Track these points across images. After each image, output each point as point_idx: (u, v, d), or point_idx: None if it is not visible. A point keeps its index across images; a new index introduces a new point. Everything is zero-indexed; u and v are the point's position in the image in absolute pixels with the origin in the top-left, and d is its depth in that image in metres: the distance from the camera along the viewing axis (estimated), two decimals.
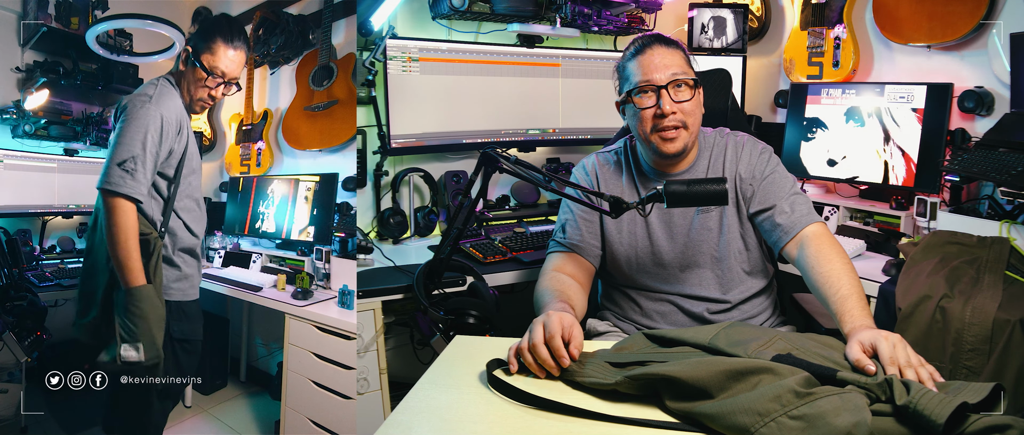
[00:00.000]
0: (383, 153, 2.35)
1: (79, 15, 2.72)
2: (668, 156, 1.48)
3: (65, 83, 2.78)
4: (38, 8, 2.66)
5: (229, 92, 1.77)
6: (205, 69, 1.70)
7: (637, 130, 1.49)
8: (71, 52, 2.78)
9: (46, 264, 2.68)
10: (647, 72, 1.43)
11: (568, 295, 1.39)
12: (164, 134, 1.64)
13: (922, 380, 0.94)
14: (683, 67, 1.44)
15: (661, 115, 1.42)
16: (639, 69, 1.44)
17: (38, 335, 2.04)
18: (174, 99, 1.70)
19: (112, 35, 2.82)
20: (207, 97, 1.74)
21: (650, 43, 1.46)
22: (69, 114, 2.86)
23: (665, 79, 1.42)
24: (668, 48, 1.45)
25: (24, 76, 2.75)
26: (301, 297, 2.17)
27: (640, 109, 1.45)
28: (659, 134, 1.45)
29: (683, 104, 1.43)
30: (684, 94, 1.43)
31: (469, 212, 1.54)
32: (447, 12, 2.32)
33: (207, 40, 1.70)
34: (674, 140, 1.45)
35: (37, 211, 2.79)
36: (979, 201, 2.01)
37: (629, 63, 1.48)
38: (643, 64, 1.44)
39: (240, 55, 1.73)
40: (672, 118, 1.43)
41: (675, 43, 1.48)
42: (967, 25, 2.11)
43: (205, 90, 1.72)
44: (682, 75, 1.43)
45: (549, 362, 1.06)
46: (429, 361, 1.18)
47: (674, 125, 1.43)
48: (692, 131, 1.47)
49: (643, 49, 1.46)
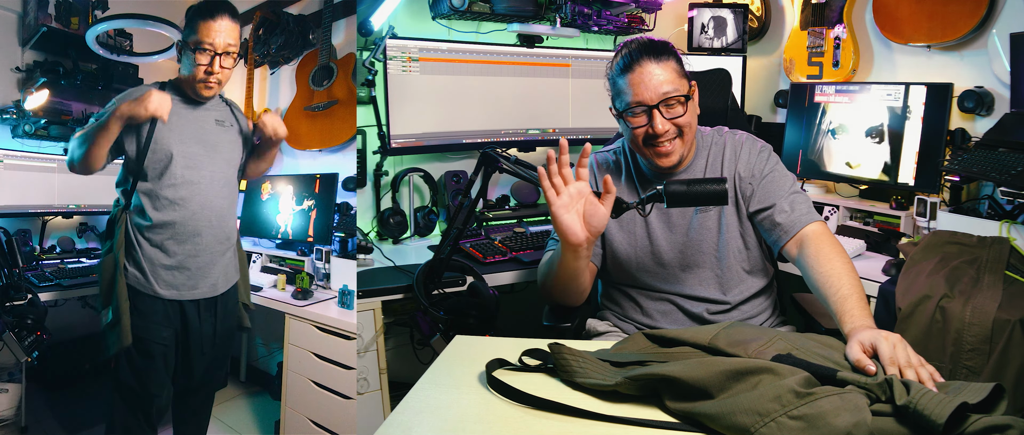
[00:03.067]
0: (383, 153, 2.35)
1: (79, 15, 2.72)
2: (664, 169, 1.48)
3: (65, 83, 2.78)
4: (38, 8, 2.66)
5: (227, 65, 1.71)
6: (195, 47, 1.67)
7: (631, 145, 1.51)
8: (71, 52, 2.78)
9: (46, 264, 2.68)
10: (637, 92, 1.41)
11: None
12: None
13: (922, 380, 0.94)
14: (674, 81, 1.41)
15: (655, 134, 1.42)
16: (629, 88, 1.42)
17: (38, 335, 2.04)
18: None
19: (112, 35, 2.82)
20: (204, 74, 1.69)
21: (638, 58, 1.41)
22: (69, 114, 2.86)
23: (656, 99, 1.40)
24: (657, 62, 1.41)
25: (24, 76, 2.75)
26: (301, 297, 2.17)
27: (633, 128, 1.45)
28: (653, 150, 1.45)
29: (677, 119, 1.42)
30: (677, 110, 1.42)
31: (469, 212, 1.54)
32: (447, 12, 2.32)
33: (190, 26, 1.69)
34: (670, 154, 1.45)
35: (37, 211, 2.79)
36: (979, 201, 2.01)
37: (619, 79, 1.45)
38: (633, 83, 1.41)
39: (225, 22, 1.67)
40: (665, 136, 1.42)
41: (664, 52, 1.43)
42: (967, 25, 2.11)
43: (200, 68, 1.68)
44: (673, 92, 1.40)
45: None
46: (429, 361, 1.18)
47: (669, 139, 1.43)
48: (688, 139, 1.47)
49: (631, 66, 1.42)
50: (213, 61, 1.68)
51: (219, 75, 1.71)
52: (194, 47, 1.67)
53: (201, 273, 1.79)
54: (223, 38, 1.67)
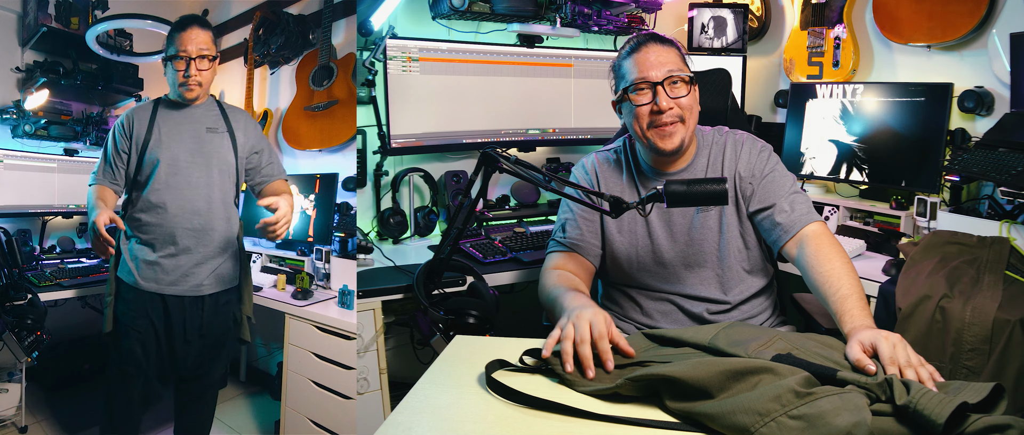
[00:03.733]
0: (383, 153, 2.35)
1: (79, 15, 2.73)
2: (666, 153, 1.48)
3: (65, 83, 2.78)
4: (38, 8, 2.66)
5: (202, 67, 1.86)
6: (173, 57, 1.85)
7: (634, 128, 1.49)
8: (71, 52, 2.78)
9: (46, 264, 2.68)
10: (643, 69, 1.43)
11: (582, 290, 1.39)
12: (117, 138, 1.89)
13: (922, 380, 0.94)
14: (679, 64, 1.45)
15: (658, 111, 1.43)
16: (635, 66, 1.45)
17: (38, 335, 2.05)
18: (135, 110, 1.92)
19: (112, 35, 2.82)
20: (183, 78, 1.85)
21: (645, 41, 1.47)
22: (69, 114, 2.86)
23: (661, 75, 1.42)
24: (663, 46, 1.46)
25: (24, 76, 2.75)
26: (301, 297, 2.17)
27: (637, 106, 1.45)
28: (656, 130, 1.45)
29: (680, 100, 1.44)
30: (680, 90, 1.44)
31: (469, 212, 1.53)
32: (447, 12, 2.32)
33: (168, 42, 1.88)
34: (672, 135, 1.45)
35: (37, 211, 2.79)
36: (979, 201, 2.01)
37: (625, 61, 1.48)
38: (639, 62, 1.44)
39: (196, 33, 1.84)
40: (669, 113, 1.43)
41: (670, 41, 1.48)
42: (967, 25, 2.11)
43: (179, 73, 1.85)
44: (678, 71, 1.43)
45: (590, 361, 1.04)
46: (429, 361, 1.18)
47: (671, 120, 1.44)
48: (689, 127, 1.47)
49: (638, 47, 1.46)
50: (189, 65, 1.84)
51: (197, 77, 1.86)
52: (172, 58, 1.86)
53: (181, 272, 1.88)
54: (195, 45, 1.84)
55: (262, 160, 2.02)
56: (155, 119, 1.88)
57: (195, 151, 1.89)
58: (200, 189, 1.88)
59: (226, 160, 1.94)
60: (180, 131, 1.89)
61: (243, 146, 1.98)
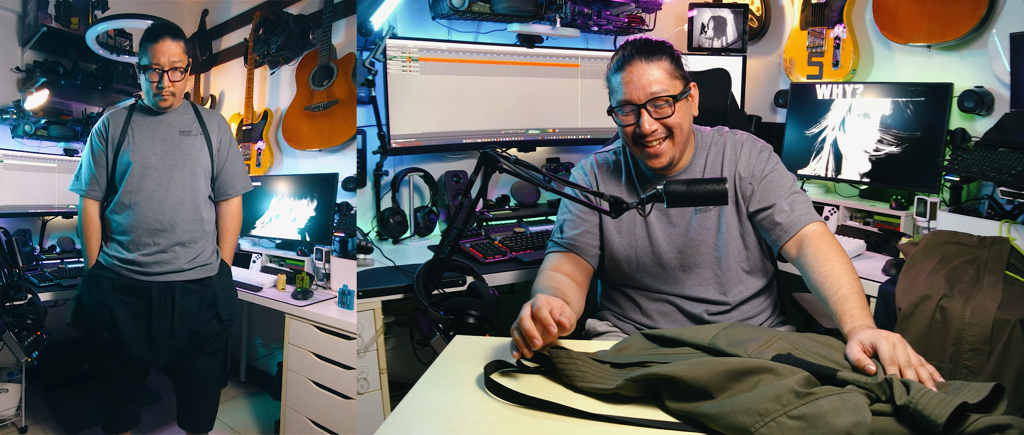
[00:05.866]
0: (383, 153, 2.35)
1: (79, 15, 2.73)
2: (656, 170, 1.49)
3: (65, 83, 2.78)
4: (38, 8, 2.66)
5: (174, 79, 1.90)
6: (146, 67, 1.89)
7: (626, 142, 1.51)
8: (71, 52, 2.78)
9: (46, 264, 2.68)
10: (627, 91, 1.41)
11: (562, 291, 1.37)
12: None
13: (922, 380, 0.94)
14: (664, 82, 1.41)
15: (642, 133, 1.42)
16: (620, 86, 1.43)
17: (38, 335, 2.04)
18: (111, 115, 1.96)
19: (112, 35, 2.82)
20: (156, 88, 1.89)
21: (631, 58, 1.42)
22: (69, 114, 2.86)
23: (644, 98, 1.40)
24: (649, 62, 1.40)
25: (24, 76, 2.75)
26: (301, 297, 2.17)
27: (623, 126, 1.46)
28: (643, 150, 1.46)
29: (665, 119, 1.42)
30: (664, 111, 1.41)
31: (469, 212, 1.53)
32: (447, 12, 2.32)
33: (141, 50, 1.91)
34: (660, 155, 1.45)
35: (37, 211, 2.79)
36: (979, 201, 2.01)
37: (612, 77, 1.46)
38: (624, 82, 1.42)
39: (168, 45, 1.88)
40: (654, 135, 1.43)
41: (658, 52, 1.42)
42: (967, 25, 2.11)
43: (152, 85, 1.89)
44: (662, 92, 1.40)
45: (534, 333, 1.06)
46: (429, 361, 1.18)
47: (657, 141, 1.44)
48: (679, 141, 1.46)
49: (623, 65, 1.42)
50: (161, 77, 1.88)
51: (170, 88, 1.91)
52: (145, 69, 1.90)
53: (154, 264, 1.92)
54: (167, 57, 1.88)
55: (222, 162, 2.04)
56: (129, 123, 1.93)
57: (166, 153, 1.93)
58: (172, 190, 1.92)
59: (198, 161, 1.97)
60: (152, 134, 1.94)
61: (217, 145, 2.03)
